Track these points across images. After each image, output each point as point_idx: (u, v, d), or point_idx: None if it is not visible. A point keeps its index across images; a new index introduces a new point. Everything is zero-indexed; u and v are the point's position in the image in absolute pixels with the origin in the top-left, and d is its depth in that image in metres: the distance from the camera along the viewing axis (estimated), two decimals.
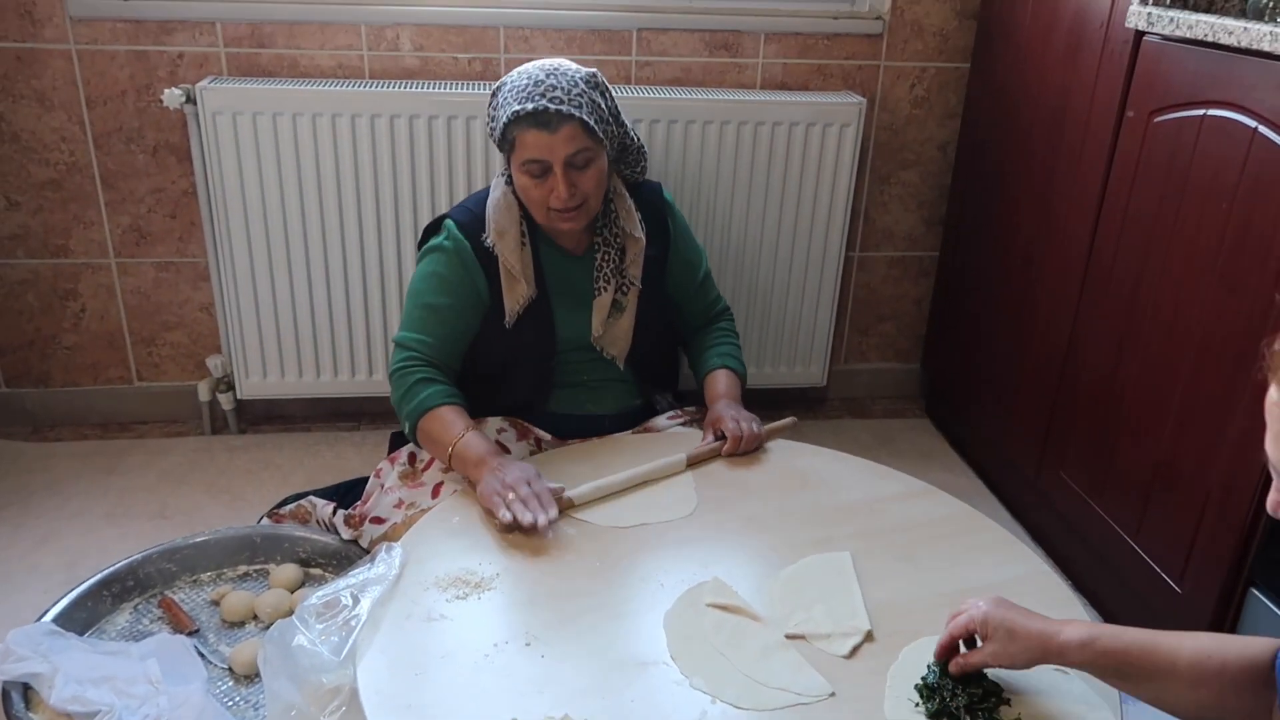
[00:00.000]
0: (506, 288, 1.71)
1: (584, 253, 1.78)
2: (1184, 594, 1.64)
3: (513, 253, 1.69)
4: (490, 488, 1.50)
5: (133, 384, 2.46)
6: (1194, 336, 1.61)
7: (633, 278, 1.78)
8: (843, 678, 1.24)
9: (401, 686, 1.20)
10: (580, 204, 1.64)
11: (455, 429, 1.61)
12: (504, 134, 1.62)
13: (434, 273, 1.72)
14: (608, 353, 1.81)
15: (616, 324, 1.79)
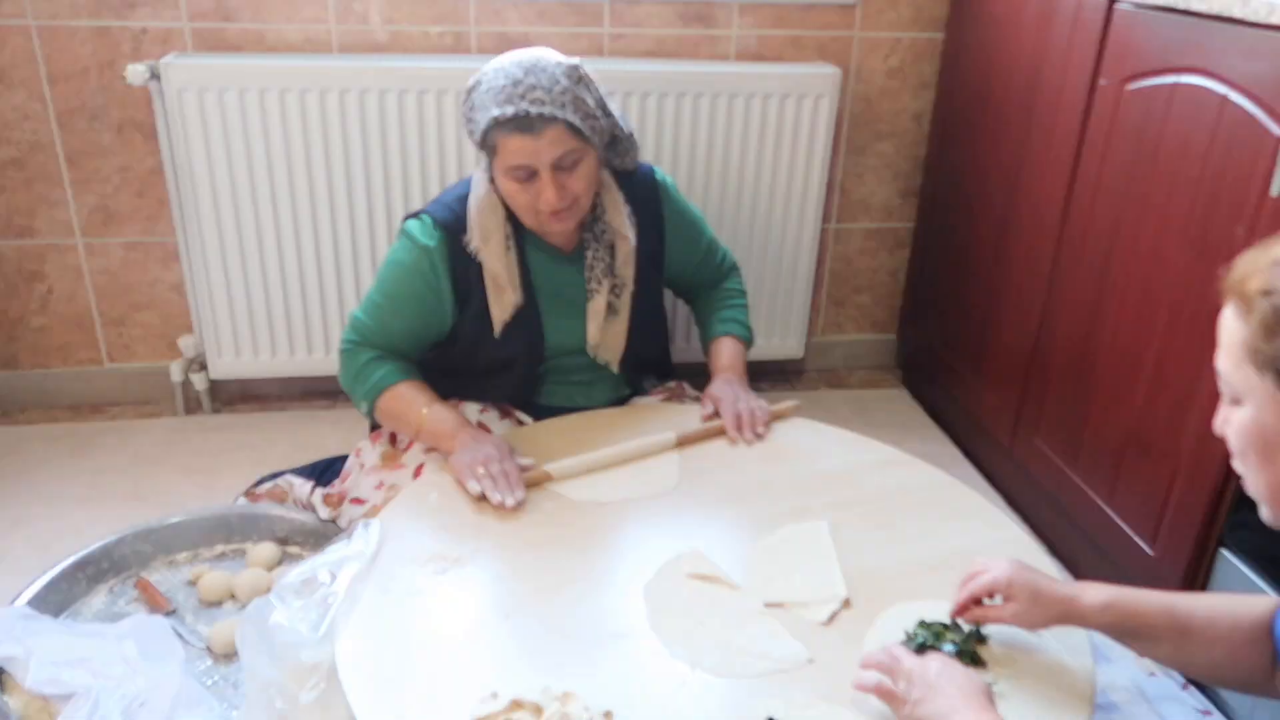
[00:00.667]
0: (493, 297, 1.63)
1: (573, 251, 1.70)
2: (1156, 556, 1.66)
3: (498, 260, 1.60)
4: (462, 460, 1.50)
5: (103, 365, 2.43)
6: (1165, 302, 1.63)
7: (625, 278, 1.70)
8: (821, 644, 1.25)
9: (381, 662, 1.20)
10: (571, 204, 1.56)
11: (419, 404, 1.60)
12: (484, 138, 1.53)
13: (401, 263, 1.65)
14: (602, 358, 1.75)
15: (611, 327, 1.72)
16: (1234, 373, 0.84)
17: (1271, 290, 0.79)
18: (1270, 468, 0.83)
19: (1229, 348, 0.84)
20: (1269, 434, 0.81)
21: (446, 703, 1.14)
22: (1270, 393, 0.80)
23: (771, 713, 1.13)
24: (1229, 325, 0.84)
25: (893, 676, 1.09)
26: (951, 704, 1.01)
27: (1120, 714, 1.54)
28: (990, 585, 1.17)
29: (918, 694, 1.04)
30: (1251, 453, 0.84)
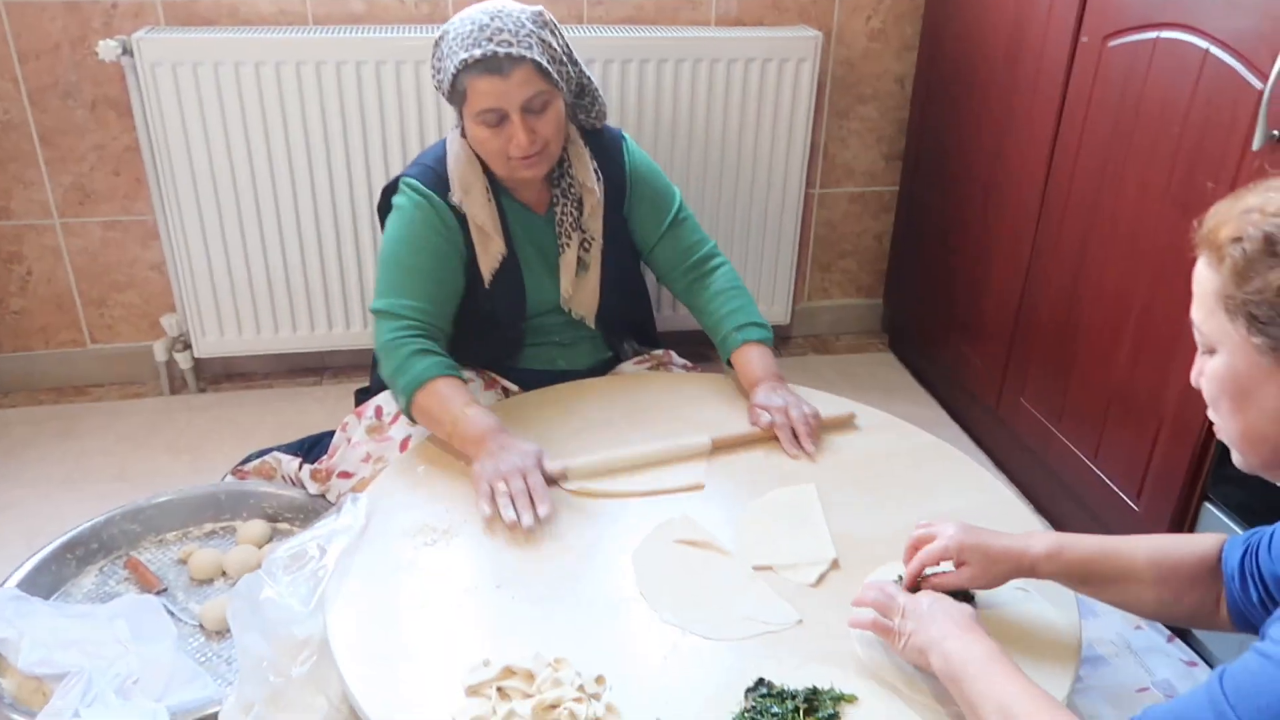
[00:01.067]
0: (480, 247, 1.64)
1: (546, 210, 1.70)
2: (1141, 511, 1.67)
3: (482, 209, 1.61)
4: (483, 473, 1.41)
5: (86, 347, 2.41)
6: (1149, 259, 1.63)
7: (593, 233, 1.71)
8: (810, 605, 1.26)
9: (372, 634, 1.21)
10: (541, 149, 1.56)
11: (455, 404, 1.51)
12: (453, 84, 1.52)
13: (407, 233, 1.61)
14: (576, 313, 1.76)
15: (583, 283, 1.73)
16: (1207, 321, 0.84)
17: (1241, 237, 0.79)
18: (1242, 414, 0.83)
19: (1202, 298, 0.85)
20: (1241, 380, 0.82)
21: (439, 672, 1.14)
22: (1242, 339, 0.80)
23: (762, 674, 1.13)
24: (1202, 275, 0.85)
25: (887, 613, 1.13)
26: (943, 630, 1.05)
27: (1107, 667, 1.57)
28: (940, 554, 1.18)
29: (912, 626, 1.09)
30: (1224, 400, 0.85)
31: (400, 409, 1.60)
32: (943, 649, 1.04)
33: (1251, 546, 1.01)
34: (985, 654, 1.00)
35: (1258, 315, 0.78)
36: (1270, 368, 0.79)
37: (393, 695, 1.12)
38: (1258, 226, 0.78)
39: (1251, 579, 1.00)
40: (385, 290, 1.61)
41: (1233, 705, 0.73)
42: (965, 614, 1.08)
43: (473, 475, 1.44)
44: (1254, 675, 0.74)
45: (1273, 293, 0.77)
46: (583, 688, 1.10)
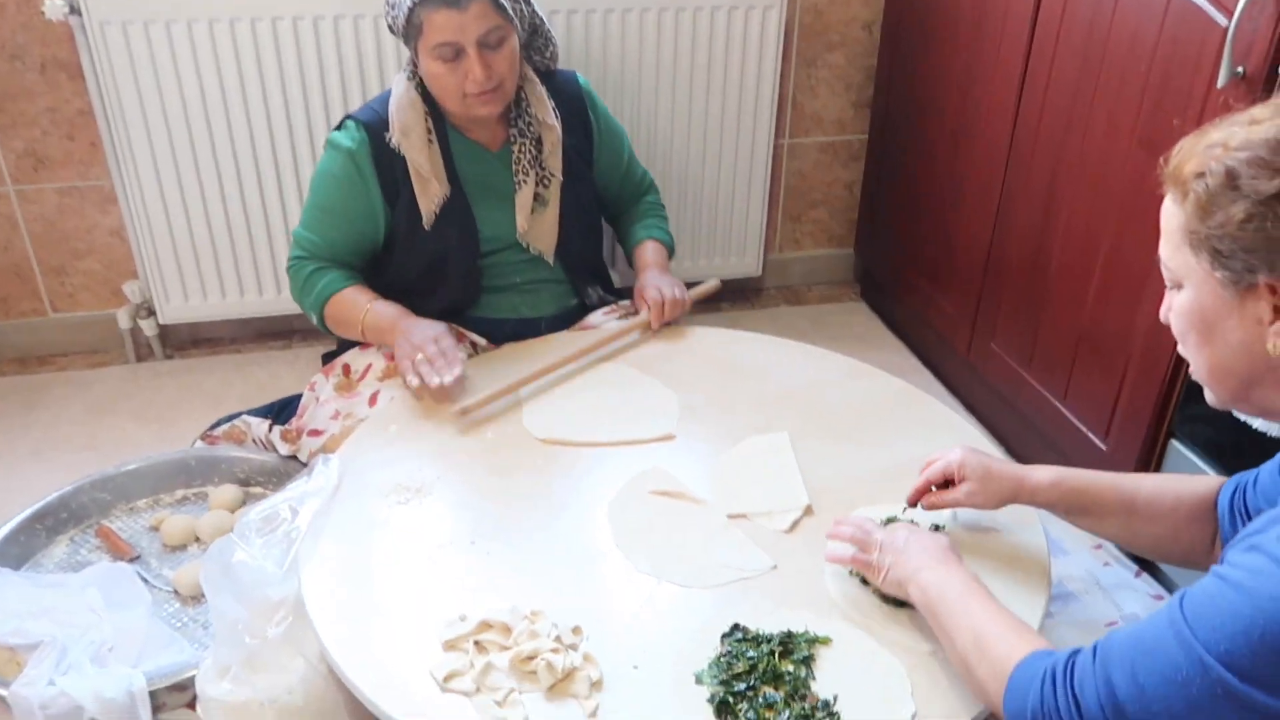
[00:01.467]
0: (419, 189, 1.65)
1: (500, 148, 1.72)
2: (1109, 450, 1.70)
3: (419, 152, 1.63)
4: (401, 351, 1.54)
5: (47, 316, 2.36)
6: (1116, 200, 1.63)
7: (552, 169, 1.73)
8: (784, 551, 1.27)
9: (347, 594, 1.20)
10: (497, 85, 1.58)
11: (360, 305, 1.64)
12: (409, 19, 1.54)
13: (329, 173, 1.68)
14: (534, 248, 1.77)
15: (541, 218, 1.75)
16: (1173, 257, 0.85)
17: (1205, 172, 0.79)
18: (1209, 348, 0.84)
19: (1168, 234, 0.86)
20: (1207, 314, 0.83)
21: (415, 628, 1.15)
22: (1206, 273, 0.81)
23: (737, 619, 1.14)
24: (1168, 212, 0.85)
25: (864, 548, 1.15)
26: (919, 562, 1.08)
27: (1077, 603, 1.60)
28: (944, 471, 1.22)
29: (890, 559, 1.11)
30: (1191, 334, 0.85)
31: (316, 324, 1.73)
32: (920, 581, 1.06)
33: (1241, 485, 1.03)
34: (961, 584, 1.03)
35: (1220, 249, 0.79)
36: (1233, 301, 0.80)
37: (369, 653, 1.12)
38: (1220, 161, 0.79)
39: (1240, 516, 1.02)
40: (303, 220, 1.72)
41: (1191, 627, 0.74)
42: (942, 546, 1.11)
43: (395, 359, 1.56)
44: (1212, 597, 0.75)
45: (1234, 226, 0.77)
46: (560, 639, 1.11)
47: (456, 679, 1.08)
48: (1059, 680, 0.82)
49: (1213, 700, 0.72)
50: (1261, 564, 0.73)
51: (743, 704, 1.03)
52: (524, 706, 1.04)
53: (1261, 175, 0.76)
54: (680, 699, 1.05)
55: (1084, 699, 0.80)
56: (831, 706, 1.03)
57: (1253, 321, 0.79)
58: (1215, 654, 0.72)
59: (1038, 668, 0.86)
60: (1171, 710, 0.74)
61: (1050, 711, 0.82)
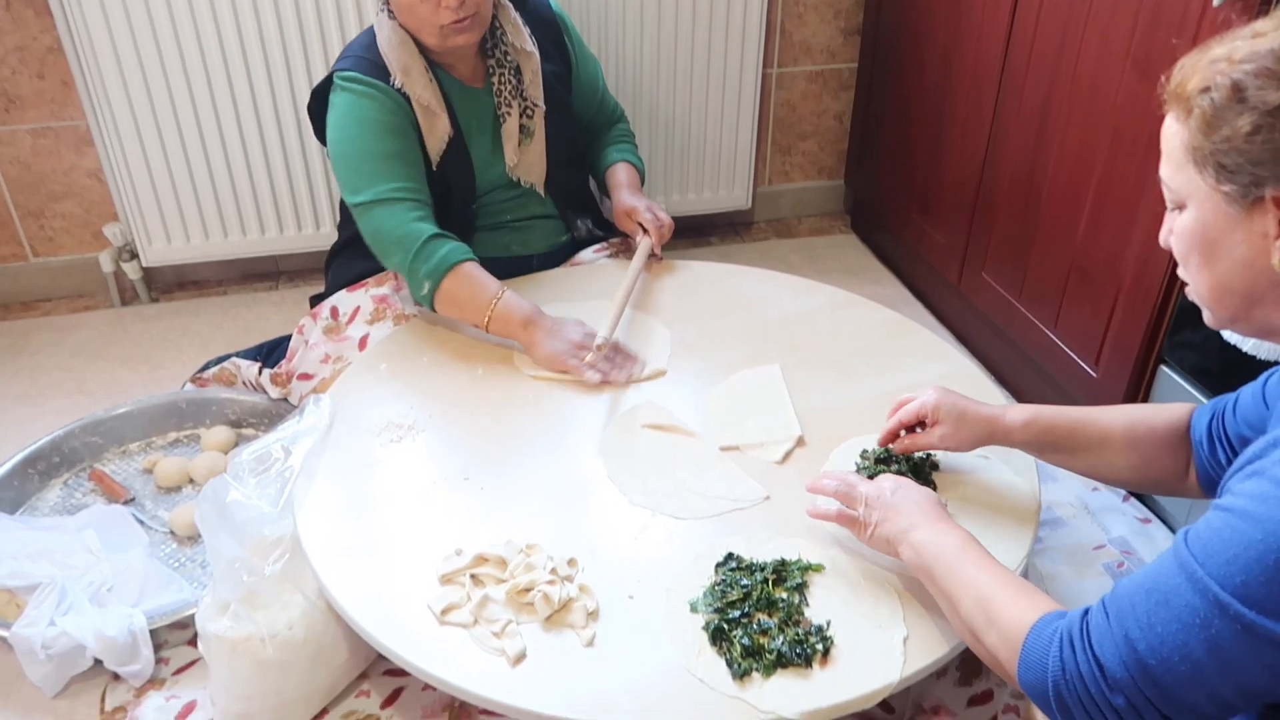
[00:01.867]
0: (427, 127, 1.60)
1: (483, 83, 1.68)
2: (1099, 378, 1.70)
3: (425, 89, 1.58)
4: (558, 350, 1.48)
5: (28, 260, 2.33)
6: (1108, 125, 1.61)
7: (534, 99, 1.70)
8: (777, 482, 1.28)
9: (343, 529, 1.21)
10: (473, 12, 1.53)
11: (490, 289, 1.51)
12: None
13: (366, 121, 1.55)
14: (525, 181, 1.74)
15: (529, 149, 1.72)
16: (1175, 176, 0.83)
17: (1209, 86, 0.77)
18: (1211, 268, 0.82)
19: (1170, 153, 0.83)
20: (1210, 232, 0.81)
21: (412, 563, 1.15)
22: (1210, 189, 0.79)
23: (731, 549, 1.16)
24: (1170, 131, 0.83)
25: (850, 503, 1.12)
26: (910, 519, 1.04)
27: (1065, 528, 1.62)
28: (917, 412, 1.20)
29: (878, 516, 1.08)
30: (1194, 255, 0.83)
31: (420, 297, 1.55)
32: (911, 540, 1.02)
33: (1218, 411, 1.02)
34: (956, 544, 0.98)
35: (1226, 164, 0.77)
36: (1238, 215, 0.79)
37: (367, 588, 1.13)
38: (1225, 75, 0.77)
39: (1219, 442, 1.01)
40: (364, 183, 1.54)
41: (1201, 563, 0.72)
42: (931, 500, 1.07)
43: (545, 358, 1.49)
44: (1217, 531, 0.73)
45: (1241, 139, 0.76)
46: (555, 571, 1.12)
47: (454, 612, 1.09)
48: (1077, 644, 0.79)
49: (1234, 638, 0.70)
50: (1267, 489, 0.71)
51: (737, 630, 1.05)
52: (522, 637, 1.06)
53: (1269, 86, 0.74)
54: (675, 627, 1.07)
55: (1105, 660, 0.76)
56: (824, 631, 1.05)
57: (1258, 237, 0.78)
58: (1230, 588, 0.70)
59: (1051, 632, 0.82)
60: (1194, 657, 0.71)
61: (1073, 678, 0.78)
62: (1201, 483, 1.05)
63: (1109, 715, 0.75)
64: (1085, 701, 0.77)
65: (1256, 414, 0.96)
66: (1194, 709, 0.72)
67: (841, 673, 1.02)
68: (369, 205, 1.54)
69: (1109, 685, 0.75)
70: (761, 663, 1.02)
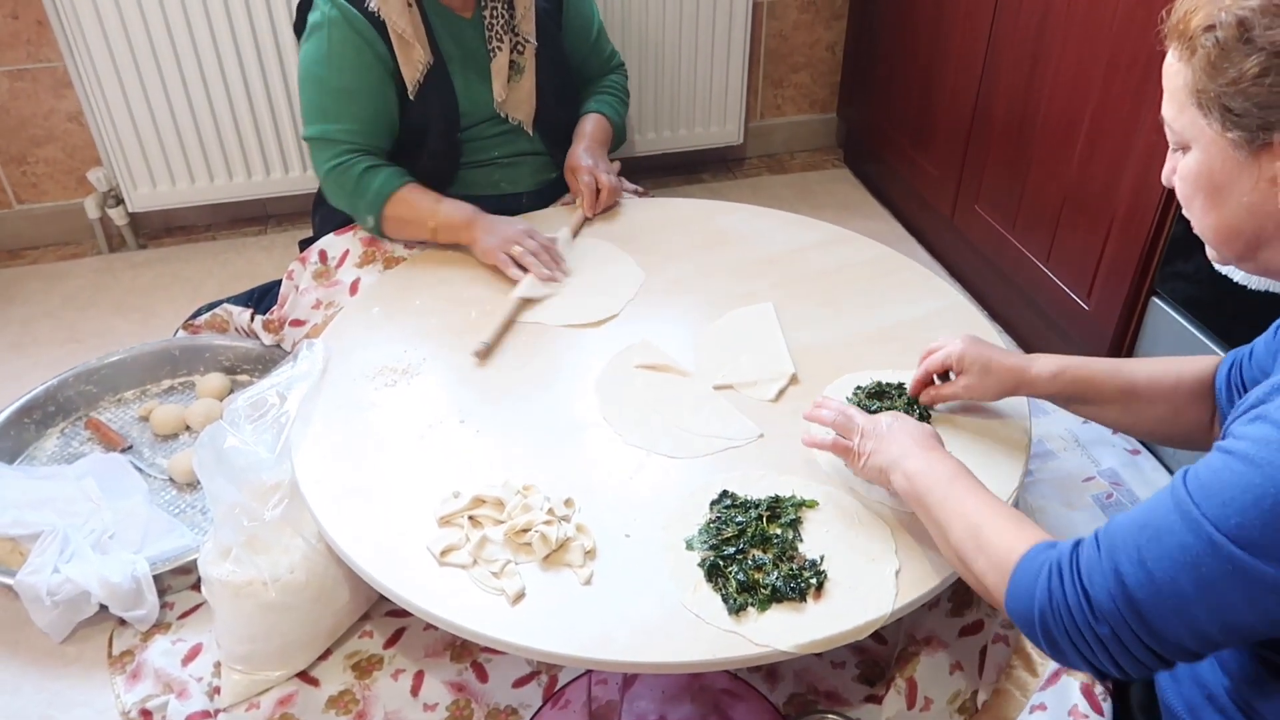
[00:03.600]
0: (402, 56, 1.59)
1: (472, 14, 1.65)
2: (1091, 310, 1.71)
3: (401, 15, 1.56)
4: (491, 246, 1.52)
5: (12, 207, 2.30)
6: (1103, 57, 1.59)
7: (526, 34, 1.67)
8: (770, 420, 1.29)
9: (340, 473, 1.22)
10: None
11: (427, 203, 1.59)
12: None
13: (329, 53, 1.57)
14: (513, 117, 1.72)
15: (519, 86, 1.70)
16: (1178, 118, 0.80)
17: (1214, 24, 0.74)
18: (1218, 210, 0.80)
19: (1173, 93, 0.80)
20: (1216, 176, 0.78)
21: (410, 506, 1.16)
22: (1216, 133, 0.76)
23: (726, 487, 1.17)
24: (1172, 69, 0.80)
25: (845, 433, 1.12)
26: (904, 448, 1.04)
27: (1056, 460, 1.64)
28: (943, 361, 1.19)
29: (871, 445, 1.08)
30: (1200, 196, 0.81)
31: (369, 229, 1.64)
32: (904, 468, 1.02)
33: (1237, 361, 1.01)
34: (949, 473, 0.98)
35: (1232, 108, 0.74)
36: (1245, 161, 0.76)
37: (367, 531, 1.14)
38: (1229, 12, 0.73)
39: (1236, 390, 1.00)
40: (314, 115, 1.60)
41: (1197, 503, 0.72)
42: (926, 432, 1.08)
43: (482, 252, 1.54)
44: (1217, 472, 0.72)
45: (1248, 82, 0.73)
46: (552, 511, 1.13)
47: (453, 553, 1.10)
48: (1065, 574, 0.79)
49: (1224, 578, 0.69)
50: (1269, 433, 0.70)
51: (732, 566, 1.06)
52: (520, 577, 1.07)
53: (1277, 24, 0.71)
54: (672, 564, 1.09)
55: (1093, 591, 0.76)
56: (819, 565, 1.07)
57: (1266, 182, 0.75)
58: (1225, 530, 0.69)
59: (1041, 562, 0.82)
60: (1182, 593, 0.71)
61: (1060, 608, 0.78)
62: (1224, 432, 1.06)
63: (1094, 645, 0.76)
64: (1070, 631, 0.77)
65: (1271, 361, 0.95)
66: (1178, 643, 0.73)
67: (835, 606, 1.04)
68: (313, 141, 1.62)
69: (1095, 615, 0.76)
70: (756, 598, 1.04)
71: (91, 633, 1.41)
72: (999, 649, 1.18)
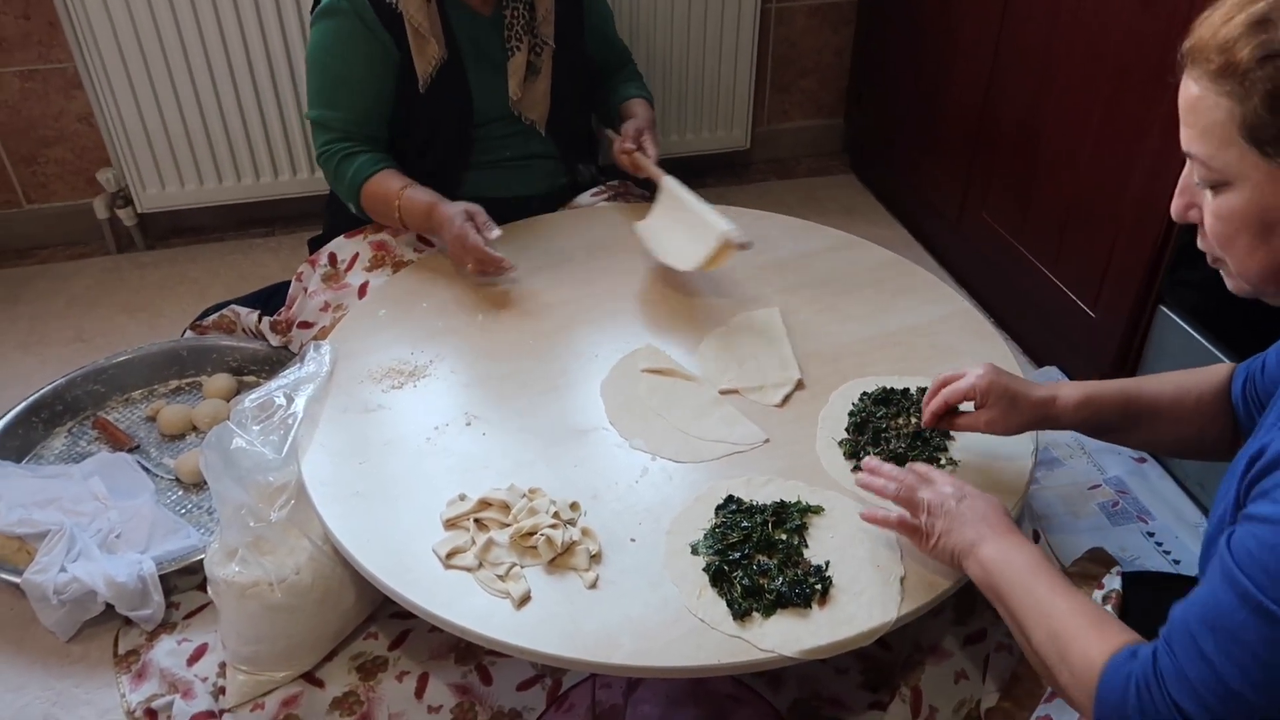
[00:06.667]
0: (416, 49, 1.59)
1: (492, 12, 1.65)
2: (1097, 318, 1.71)
3: (418, 9, 1.56)
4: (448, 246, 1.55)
5: (22, 207, 2.31)
6: (1110, 61, 1.59)
7: (545, 36, 1.68)
8: (776, 425, 1.29)
9: (347, 475, 1.22)
10: None
11: (392, 192, 1.60)
12: None
13: (335, 40, 1.59)
14: (526, 117, 1.72)
15: (534, 86, 1.70)
16: (1218, 155, 0.73)
17: (1271, 55, 0.67)
18: (1266, 247, 0.74)
19: (1209, 129, 0.73)
20: (1270, 213, 0.72)
21: (416, 509, 1.17)
22: (1271, 172, 0.70)
23: (732, 492, 1.17)
24: (1207, 103, 0.73)
25: (911, 509, 1.04)
26: (978, 532, 0.97)
27: (1062, 467, 1.64)
28: (966, 392, 1.11)
29: (942, 525, 1.00)
30: (1245, 235, 0.74)
31: (357, 213, 1.68)
32: (980, 556, 0.95)
33: (1251, 373, 0.99)
34: (1027, 565, 0.91)
35: None
36: None
37: (373, 533, 1.14)
38: None
39: (1252, 404, 0.98)
40: (314, 99, 1.64)
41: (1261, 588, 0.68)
42: (998, 511, 1.00)
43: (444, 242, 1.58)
44: (1273, 548, 0.68)
45: None
46: (558, 514, 1.13)
47: (459, 556, 1.10)
48: (1155, 691, 0.74)
49: None
50: None
51: (737, 572, 1.06)
52: (526, 580, 1.08)
53: None
54: (676, 569, 1.09)
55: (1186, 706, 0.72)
56: (824, 571, 1.07)
57: None
58: None
59: (1125, 675, 0.77)
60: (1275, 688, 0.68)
61: None
62: None
63: None
64: None
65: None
66: None
67: (840, 612, 1.04)
68: (312, 123, 1.66)
69: None
70: (761, 603, 1.04)
71: (97, 632, 1.42)
72: (1002, 657, 1.18)
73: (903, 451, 1.22)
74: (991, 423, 1.10)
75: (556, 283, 1.56)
